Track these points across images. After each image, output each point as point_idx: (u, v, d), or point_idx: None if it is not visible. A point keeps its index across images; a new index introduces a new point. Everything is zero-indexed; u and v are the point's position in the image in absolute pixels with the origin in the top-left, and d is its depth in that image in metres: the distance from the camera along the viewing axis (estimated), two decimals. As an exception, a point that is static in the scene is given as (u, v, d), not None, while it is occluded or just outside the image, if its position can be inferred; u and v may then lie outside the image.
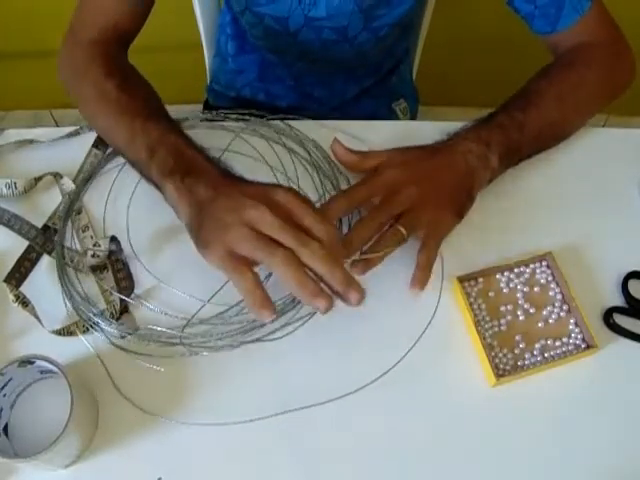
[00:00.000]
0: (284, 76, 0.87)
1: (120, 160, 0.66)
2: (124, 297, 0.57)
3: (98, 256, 0.58)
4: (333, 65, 0.83)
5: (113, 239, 0.60)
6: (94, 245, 0.59)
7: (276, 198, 0.48)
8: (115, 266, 0.59)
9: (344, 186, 0.65)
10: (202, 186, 0.51)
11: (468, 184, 0.59)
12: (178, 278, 0.59)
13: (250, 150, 0.68)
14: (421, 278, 0.56)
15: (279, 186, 0.51)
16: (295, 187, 0.65)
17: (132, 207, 0.64)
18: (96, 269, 0.59)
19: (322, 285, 0.48)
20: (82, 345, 0.55)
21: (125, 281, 0.58)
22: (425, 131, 0.66)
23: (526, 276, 0.60)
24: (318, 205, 0.57)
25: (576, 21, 0.66)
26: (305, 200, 0.50)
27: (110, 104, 0.59)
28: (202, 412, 0.53)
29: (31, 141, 0.67)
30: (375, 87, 0.92)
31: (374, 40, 0.79)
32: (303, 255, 0.46)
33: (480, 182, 0.60)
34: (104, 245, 0.58)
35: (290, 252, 0.46)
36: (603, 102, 0.68)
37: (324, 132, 0.68)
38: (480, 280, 0.60)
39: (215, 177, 0.52)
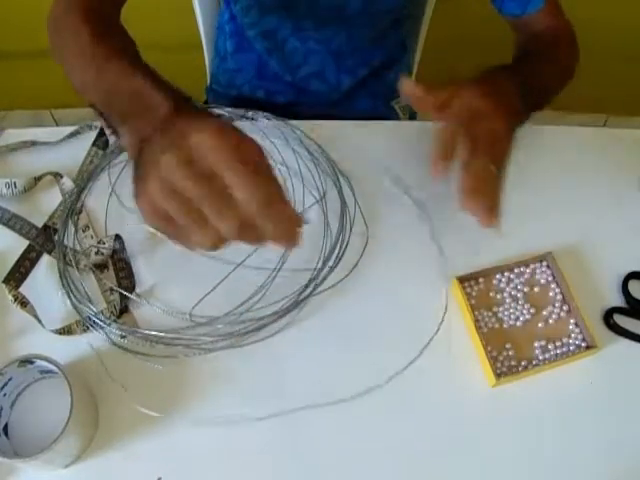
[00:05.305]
0: (281, 72, 0.88)
1: (121, 159, 0.66)
2: (124, 292, 0.56)
3: (102, 254, 0.58)
4: (335, 22, 0.82)
5: (117, 237, 0.60)
6: (99, 242, 0.59)
7: (191, 143, 0.40)
8: (117, 265, 0.59)
9: (343, 185, 0.65)
10: (142, 124, 0.45)
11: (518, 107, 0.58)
12: (178, 278, 0.59)
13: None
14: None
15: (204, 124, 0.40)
16: (299, 183, 0.65)
17: (133, 207, 0.63)
18: (97, 268, 0.59)
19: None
20: (82, 345, 0.55)
21: (126, 280, 0.58)
22: (425, 131, 0.65)
23: (526, 276, 0.60)
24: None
25: (543, 5, 0.72)
26: (229, 136, 0.40)
27: (82, 48, 0.53)
28: (202, 412, 0.53)
29: (32, 142, 0.67)
30: (371, 82, 0.93)
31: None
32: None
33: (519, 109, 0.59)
34: (108, 243, 0.59)
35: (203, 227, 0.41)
36: (566, 79, 0.71)
37: (324, 132, 0.68)
38: (480, 280, 0.60)
39: (161, 114, 0.44)
